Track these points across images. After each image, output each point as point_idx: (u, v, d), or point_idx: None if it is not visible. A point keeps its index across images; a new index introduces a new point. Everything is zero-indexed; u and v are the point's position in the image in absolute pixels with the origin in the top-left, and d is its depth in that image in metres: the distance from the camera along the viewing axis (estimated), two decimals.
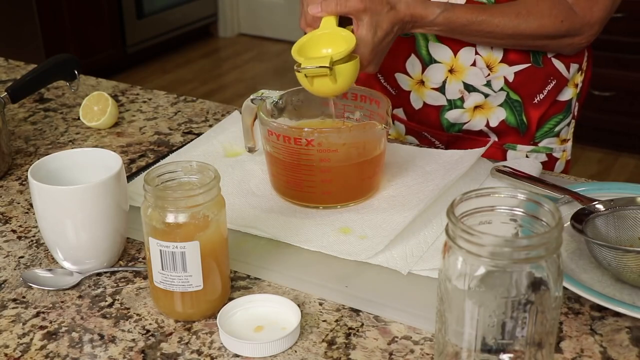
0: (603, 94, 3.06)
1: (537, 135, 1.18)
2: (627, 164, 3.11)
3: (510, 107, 1.15)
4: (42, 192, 0.79)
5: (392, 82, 1.19)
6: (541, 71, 1.13)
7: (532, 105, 1.15)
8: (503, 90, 1.14)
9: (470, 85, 1.14)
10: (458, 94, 1.15)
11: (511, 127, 1.16)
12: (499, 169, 0.96)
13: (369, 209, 0.92)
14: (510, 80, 1.13)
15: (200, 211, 0.72)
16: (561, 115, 1.18)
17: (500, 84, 1.13)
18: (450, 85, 1.14)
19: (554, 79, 1.14)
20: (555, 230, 0.56)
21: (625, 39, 2.95)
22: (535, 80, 1.13)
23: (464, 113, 1.16)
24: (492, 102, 1.15)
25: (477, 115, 1.16)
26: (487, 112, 1.16)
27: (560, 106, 1.17)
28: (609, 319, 0.75)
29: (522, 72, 1.12)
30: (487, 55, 1.11)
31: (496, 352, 0.60)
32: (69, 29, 3.71)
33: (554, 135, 1.18)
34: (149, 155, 1.11)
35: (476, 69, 1.12)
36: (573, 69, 1.16)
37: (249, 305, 0.76)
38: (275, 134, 0.90)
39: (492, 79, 1.13)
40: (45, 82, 1.17)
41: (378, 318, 0.76)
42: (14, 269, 0.85)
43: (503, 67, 1.12)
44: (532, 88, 1.14)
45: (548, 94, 1.15)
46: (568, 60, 1.14)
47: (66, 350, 0.72)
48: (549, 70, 1.13)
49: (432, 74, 1.14)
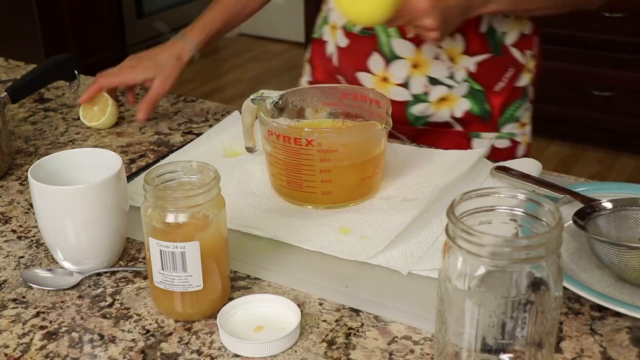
0: (603, 94, 3.06)
1: (500, 122, 1.21)
2: (627, 164, 3.11)
3: (473, 97, 1.18)
4: (42, 192, 0.79)
5: (354, 82, 1.21)
6: (501, 60, 1.17)
7: (493, 93, 1.18)
8: (466, 81, 1.17)
9: (434, 79, 1.16)
10: (422, 88, 1.17)
11: (475, 116, 1.19)
12: (499, 169, 0.96)
13: (369, 209, 0.92)
14: (472, 70, 1.16)
15: (200, 211, 0.72)
16: (520, 100, 1.22)
17: (463, 75, 1.16)
18: (414, 80, 1.17)
19: (512, 66, 1.18)
20: (555, 230, 0.56)
21: (625, 39, 2.95)
22: (496, 69, 1.17)
23: (429, 106, 1.19)
24: (455, 93, 1.18)
25: (442, 107, 1.19)
26: (452, 104, 1.18)
27: (519, 92, 1.21)
28: (609, 319, 0.75)
29: (483, 62, 1.16)
30: (449, 47, 1.14)
31: (496, 352, 0.60)
32: (69, 29, 3.70)
33: (515, 120, 1.22)
34: (149, 155, 1.11)
35: (439, 62, 1.15)
36: (528, 55, 1.20)
37: (249, 305, 0.76)
38: (275, 134, 0.90)
39: (455, 71, 1.16)
40: (45, 82, 1.18)
41: (378, 318, 0.76)
42: (14, 269, 0.85)
43: (465, 58, 1.15)
44: (493, 77, 1.18)
45: (508, 81, 1.19)
46: (523, 47, 1.19)
47: (66, 350, 0.72)
48: (508, 58, 1.17)
49: (396, 70, 1.17)
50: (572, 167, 3.07)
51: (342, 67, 1.22)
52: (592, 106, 3.12)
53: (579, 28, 3.00)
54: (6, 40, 3.64)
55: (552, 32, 3.08)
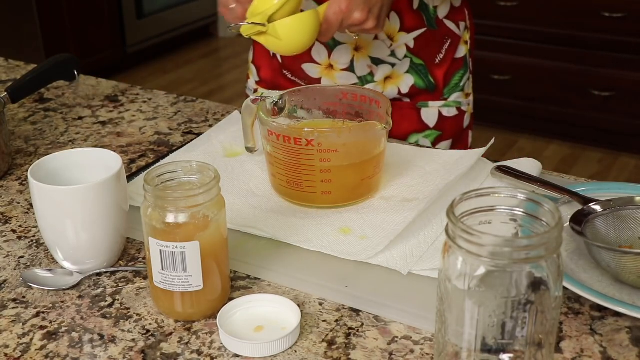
0: (603, 94, 3.06)
1: (445, 92, 1.24)
2: (627, 164, 3.11)
3: (416, 72, 1.21)
4: (42, 192, 0.79)
5: (300, 74, 1.23)
6: (436, 33, 1.20)
7: (434, 65, 1.22)
8: (407, 57, 1.20)
9: (376, 59, 1.19)
10: (367, 69, 1.20)
11: (421, 89, 1.22)
12: (499, 169, 0.96)
13: (369, 209, 0.92)
14: (411, 46, 1.19)
15: (200, 211, 0.72)
16: (462, 70, 1.25)
17: (403, 52, 1.19)
18: (358, 63, 1.19)
19: (448, 38, 1.21)
20: (555, 230, 0.56)
21: (625, 39, 2.95)
22: (433, 42, 1.20)
23: (377, 86, 1.21)
24: (399, 70, 1.21)
25: (389, 85, 1.22)
26: (397, 81, 1.21)
27: (459, 63, 1.24)
28: (609, 319, 0.75)
29: (420, 37, 1.18)
30: (386, 27, 1.16)
31: (496, 352, 0.60)
32: (69, 29, 3.71)
33: (460, 90, 1.25)
34: (149, 155, 1.11)
35: (379, 42, 1.18)
36: (461, 27, 1.23)
37: (249, 305, 0.76)
38: (275, 134, 0.90)
39: (395, 49, 1.19)
40: (45, 82, 1.17)
41: (378, 318, 0.76)
42: (14, 269, 0.85)
43: (402, 35, 1.17)
44: (432, 50, 1.21)
45: (446, 52, 1.22)
46: (456, 19, 1.22)
47: (66, 350, 0.72)
48: (443, 31, 1.21)
49: (339, 55, 1.19)
50: (572, 167, 3.07)
51: (286, 62, 1.24)
52: (592, 106, 3.12)
53: (579, 28, 3.00)
54: (6, 40, 3.65)
55: (552, 32, 3.09)
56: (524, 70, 3.19)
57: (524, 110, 3.24)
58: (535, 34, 3.09)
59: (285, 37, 0.93)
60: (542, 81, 3.17)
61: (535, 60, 3.13)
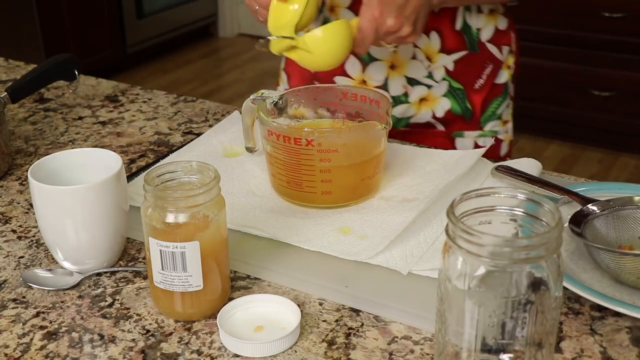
0: (603, 94, 3.06)
1: (482, 120, 1.20)
2: (627, 164, 3.11)
3: (453, 96, 1.17)
4: (42, 192, 0.79)
5: None
6: (478, 57, 1.16)
7: (473, 91, 1.18)
8: (445, 80, 1.16)
9: (412, 79, 1.16)
10: (402, 89, 1.17)
11: (457, 115, 1.18)
12: (499, 169, 0.96)
13: (369, 209, 0.92)
14: (450, 69, 1.15)
15: (200, 211, 0.72)
16: (501, 97, 1.21)
17: (442, 74, 1.16)
18: (392, 82, 1.16)
19: (490, 62, 1.17)
20: (555, 230, 0.56)
21: (625, 39, 2.95)
22: (474, 66, 1.17)
23: (410, 107, 1.18)
24: (435, 93, 1.17)
25: (423, 107, 1.18)
26: (432, 104, 1.18)
27: (499, 89, 1.20)
28: (609, 319, 0.75)
29: (461, 60, 1.15)
30: (425, 46, 1.13)
31: (496, 352, 0.60)
32: (69, 29, 3.71)
33: (497, 118, 1.21)
34: (149, 155, 1.11)
35: (416, 61, 1.14)
36: (505, 51, 1.19)
37: (249, 305, 0.76)
38: (275, 134, 0.90)
39: (433, 70, 1.15)
40: (45, 82, 1.17)
41: (378, 318, 0.76)
42: (14, 269, 0.85)
43: (442, 56, 1.14)
44: (472, 74, 1.17)
45: (487, 78, 1.18)
46: (500, 43, 1.18)
47: (66, 350, 0.72)
48: (485, 55, 1.17)
49: (374, 71, 1.16)
50: (572, 167, 3.07)
51: (319, 73, 1.21)
52: (592, 106, 3.12)
53: (579, 28, 3.00)
54: (6, 40, 3.65)
55: (552, 32, 3.09)
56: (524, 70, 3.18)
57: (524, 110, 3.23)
58: (535, 34, 3.09)
59: (317, 50, 0.90)
60: (542, 81, 3.17)
61: (535, 60, 3.13)
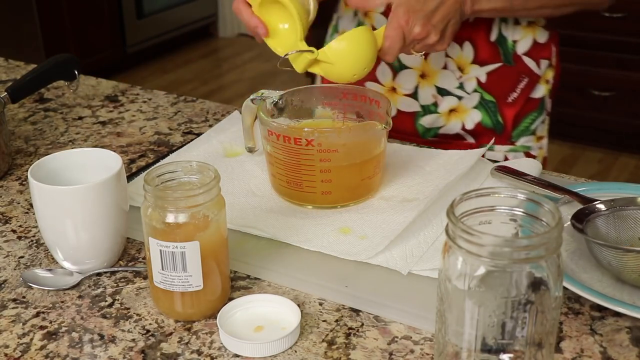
0: (603, 94, 3.06)
1: (514, 135, 1.17)
2: (627, 164, 3.11)
3: (485, 108, 1.14)
4: (42, 192, 0.79)
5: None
6: (513, 70, 1.13)
7: (506, 104, 1.15)
8: (476, 92, 1.13)
9: (443, 89, 1.13)
10: (431, 98, 1.14)
11: (487, 128, 1.16)
12: (499, 169, 0.96)
13: (369, 209, 0.92)
14: (482, 81, 1.13)
15: (200, 211, 0.72)
16: (536, 112, 1.18)
17: (473, 86, 1.13)
18: (422, 91, 1.14)
19: (525, 76, 1.14)
20: (555, 230, 0.56)
21: (625, 39, 2.95)
22: (508, 79, 1.13)
23: (439, 117, 1.16)
24: (466, 104, 1.14)
25: (453, 119, 1.16)
26: (462, 115, 1.15)
27: (534, 103, 1.17)
28: (609, 319, 0.75)
29: (494, 72, 1.12)
30: (457, 56, 1.11)
31: (496, 352, 0.60)
32: (69, 29, 3.71)
33: (531, 133, 1.18)
34: (149, 155, 1.11)
35: (447, 71, 1.12)
36: (543, 65, 1.16)
37: (249, 305, 0.76)
38: (275, 134, 0.90)
39: (465, 81, 1.12)
40: (45, 82, 1.17)
41: (378, 318, 0.76)
42: (14, 269, 0.85)
43: (474, 67, 1.12)
44: (505, 87, 1.14)
45: (521, 92, 1.15)
46: (538, 56, 1.15)
47: (66, 350, 0.72)
48: (520, 68, 1.13)
49: (404, 80, 1.14)
50: (572, 167, 3.07)
51: None
52: (592, 106, 3.12)
53: (579, 28, 3.00)
54: (6, 40, 3.65)
55: None
56: None
57: None
58: None
59: (339, 61, 0.89)
60: None
61: None
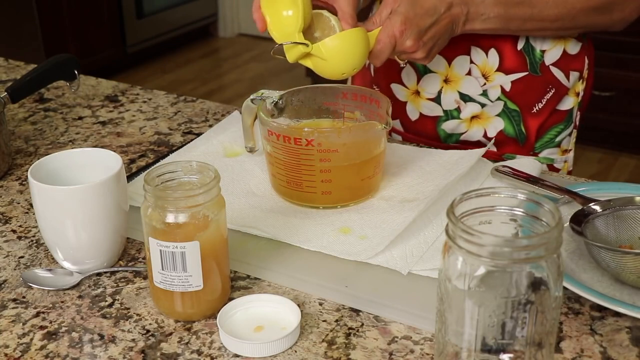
0: (603, 94, 3.06)
1: (537, 146, 1.15)
2: (627, 164, 3.11)
3: (508, 117, 1.13)
4: (42, 192, 0.79)
5: (388, 93, 1.17)
6: (539, 80, 1.11)
7: (530, 115, 1.13)
8: (500, 100, 1.11)
9: (466, 95, 1.12)
10: (454, 104, 1.13)
11: (510, 137, 1.14)
12: (499, 169, 0.96)
13: (369, 209, 0.92)
14: (507, 89, 1.11)
15: (200, 211, 0.72)
16: (562, 125, 1.15)
17: (497, 94, 1.11)
18: (445, 96, 1.13)
19: (552, 87, 1.12)
20: (555, 230, 0.56)
21: (625, 39, 2.95)
22: (534, 89, 1.11)
23: (461, 123, 1.14)
24: (489, 112, 1.13)
25: (475, 125, 1.14)
26: (485, 123, 1.14)
27: (561, 116, 1.14)
28: (609, 319, 0.75)
29: (520, 81, 1.10)
30: (482, 63, 1.09)
31: (496, 352, 0.60)
32: (69, 29, 3.71)
33: (555, 145, 1.16)
34: (149, 155, 1.11)
35: (471, 78, 1.11)
36: (573, 77, 1.13)
37: (249, 305, 0.76)
38: (275, 134, 0.90)
39: (489, 88, 1.11)
40: (45, 82, 1.17)
41: (378, 318, 0.76)
42: (14, 269, 0.85)
43: (499, 75, 1.10)
44: (531, 97, 1.11)
45: (547, 103, 1.12)
46: (567, 68, 1.12)
47: (66, 350, 0.72)
48: (548, 78, 1.11)
49: (427, 84, 1.13)
50: (572, 167, 3.07)
51: (377, 77, 1.19)
52: (592, 106, 3.11)
53: None
54: (6, 40, 3.65)
55: None
56: None
57: None
58: None
59: (331, 57, 0.89)
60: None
61: None
